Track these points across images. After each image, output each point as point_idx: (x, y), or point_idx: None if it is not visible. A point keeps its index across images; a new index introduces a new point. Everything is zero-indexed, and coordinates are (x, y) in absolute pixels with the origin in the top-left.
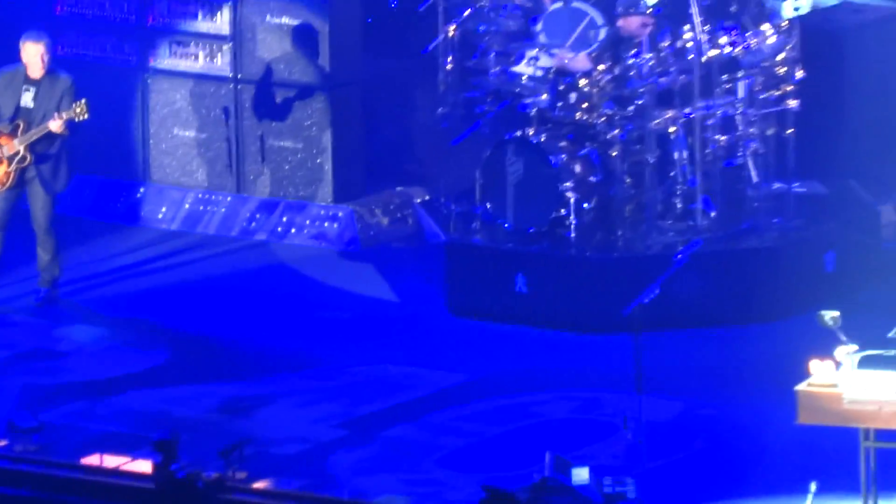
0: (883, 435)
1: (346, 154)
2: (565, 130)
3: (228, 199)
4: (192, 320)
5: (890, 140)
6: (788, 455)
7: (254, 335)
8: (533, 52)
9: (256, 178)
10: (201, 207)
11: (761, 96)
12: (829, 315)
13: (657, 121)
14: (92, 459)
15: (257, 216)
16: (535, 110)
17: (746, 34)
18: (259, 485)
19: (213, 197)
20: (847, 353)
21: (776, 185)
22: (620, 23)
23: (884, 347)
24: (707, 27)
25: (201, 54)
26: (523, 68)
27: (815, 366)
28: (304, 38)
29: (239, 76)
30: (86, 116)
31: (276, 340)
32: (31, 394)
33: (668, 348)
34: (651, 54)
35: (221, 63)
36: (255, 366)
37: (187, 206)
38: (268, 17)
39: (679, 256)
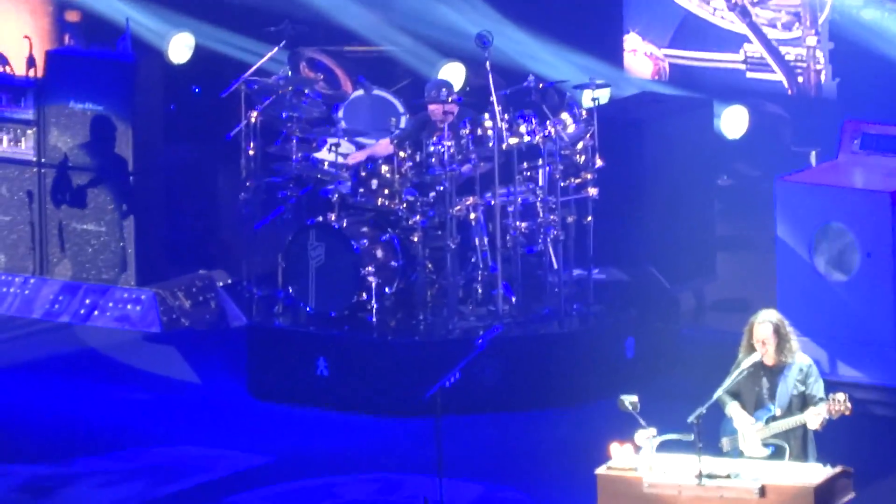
0: None
1: (148, 238)
2: (367, 216)
3: (31, 280)
4: None
5: (687, 227)
6: None
7: (57, 416)
8: (334, 140)
9: (59, 262)
10: (3, 289)
11: (561, 184)
12: (629, 400)
13: (458, 207)
14: None
15: (60, 298)
16: (336, 196)
17: (546, 122)
18: None
19: (15, 279)
20: (646, 437)
21: (576, 272)
22: (431, 107)
23: (682, 432)
24: (507, 115)
25: (5, 138)
26: (325, 154)
27: (616, 449)
28: (107, 123)
29: (43, 160)
30: None
31: (79, 422)
32: None
33: (469, 432)
34: (452, 142)
35: (25, 147)
36: (57, 447)
37: None
38: (71, 104)
39: (480, 341)
